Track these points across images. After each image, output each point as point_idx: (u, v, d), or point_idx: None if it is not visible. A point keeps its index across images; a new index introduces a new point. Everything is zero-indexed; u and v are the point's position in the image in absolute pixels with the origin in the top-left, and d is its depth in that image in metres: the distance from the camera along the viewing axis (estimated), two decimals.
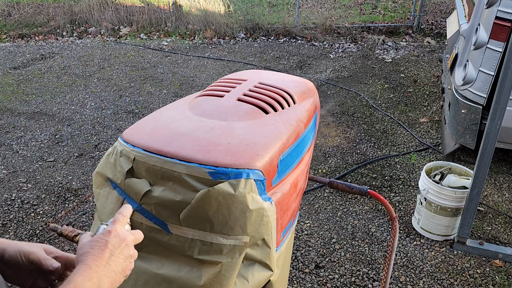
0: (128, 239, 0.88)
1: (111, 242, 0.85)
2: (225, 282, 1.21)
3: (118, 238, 0.86)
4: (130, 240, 0.88)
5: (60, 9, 7.20)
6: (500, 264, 2.70)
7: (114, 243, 0.85)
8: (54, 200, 3.22)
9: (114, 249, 0.84)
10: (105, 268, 0.81)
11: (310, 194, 3.30)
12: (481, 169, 2.55)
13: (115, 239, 0.85)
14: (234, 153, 1.24)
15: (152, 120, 1.46)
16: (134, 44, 6.44)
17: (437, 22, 7.05)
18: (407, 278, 2.60)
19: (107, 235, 0.86)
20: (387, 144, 3.96)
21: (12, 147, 3.86)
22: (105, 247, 0.83)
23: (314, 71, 5.56)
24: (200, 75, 5.43)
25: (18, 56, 5.95)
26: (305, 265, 2.67)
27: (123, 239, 0.87)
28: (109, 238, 0.85)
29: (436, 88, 5.02)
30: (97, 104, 4.65)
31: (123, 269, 0.85)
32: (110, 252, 0.83)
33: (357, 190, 1.83)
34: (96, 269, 0.80)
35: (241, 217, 1.20)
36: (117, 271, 0.83)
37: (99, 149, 3.84)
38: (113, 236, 0.86)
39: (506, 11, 2.95)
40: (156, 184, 1.26)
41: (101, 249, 0.83)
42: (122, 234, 0.88)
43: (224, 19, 7.01)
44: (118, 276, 0.83)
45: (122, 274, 0.85)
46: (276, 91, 1.60)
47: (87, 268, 0.79)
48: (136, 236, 0.91)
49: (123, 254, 0.85)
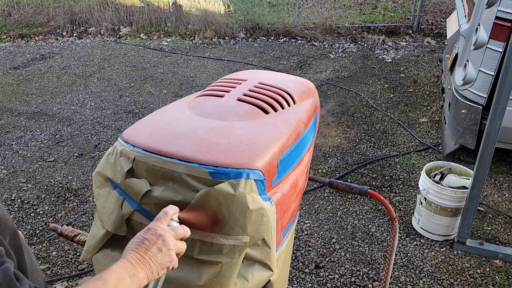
0: (166, 234, 0.98)
1: (147, 238, 0.95)
2: (225, 282, 1.21)
3: (155, 235, 0.96)
4: (167, 235, 0.98)
5: (60, 9, 7.20)
6: (500, 264, 2.70)
7: (150, 239, 0.95)
8: (54, 200, 3.22)
9: (150, 245, 0.94)
10: (140, 261, 0.92)
11: (310, 194, 3.30)
12: (481, 169, 2.55)
13: (152, 236, 0.96)
14: (234, 153, 1.24)
15: (152, 120, 1.46)
16: (134, 44, 6.44)
17: (437, 22, 7.05)
18: (407, 278, 2.60)
19: (146, 232, 0.97)
20: (387, 144, 3.96)
21: (12, 147, 3.86)
22: (142, 243, 0.94)
23: (314, 71, 5.56)
24: (200, 75, 5.43)
25: (18, 56, 5.95)
26: (305, 265, 2.67)
27: (160, 235, 0.97)
28: (146, 235, 0.96)
29: (436, 88, 5.02)
30: (97, 104, 4.65)
31: (161, 262, 0.94)
32: (146, 247, 0.94)
33: (357, 190, 1.83)
34: (133, 261, 0.91)
35: (241, 217, 1.20)
36: (153, 264, 0.93)
37: (99, 149, 3.84)
38: (150, 233, 0.97)
39: (506, 11, 2.95)
40: (156, 184, 1.26)
41: (138, 245, 0.94)
42: (160, 230, 0.98)
43: (224, 19, 7.01)
44: (155, 268, 0.93)
45: (160, 267, 0.94)
46: (276, 91, 1.60)
47: (125, 261, 0.91)
48: (176, 232, 1.01)
49: (160, 249, 0.95)
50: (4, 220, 0.82)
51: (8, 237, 0.82)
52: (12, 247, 0.82)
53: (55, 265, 2.67)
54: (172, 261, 0.97)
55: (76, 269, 2.64)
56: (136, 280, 0.89)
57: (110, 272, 0.87)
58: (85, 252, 1.39)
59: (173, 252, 0.97)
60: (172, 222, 1.03)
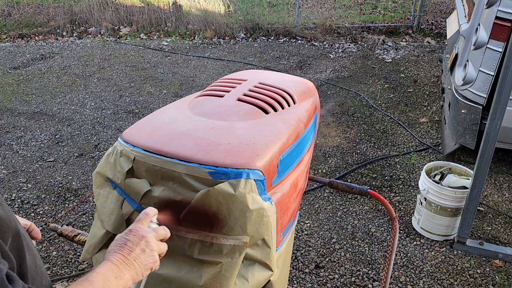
0: (148, 235, 0.97)
1: (130, 240, 0.95)
2: (225, 282, 1.21)
3: (137, 236, 0.96)
4: (150, 236, 0.97)
5: (60, 9, 7.19)
6: (500, 264, 2.70)
7: (133, 240, 0.95)
8: (54, 200, 3.22)
9: (133, 246, 0.94)
10: (125, 263, 0.91)
11: (310, 194, 3.30)
12: (481, 169, 2.55)
13: (134, 237, 0.95)
14: (234, 153, 1.24)
15: (152, 120, 1.46)
16: (134, 44, 6.44)
17: (437, 22, 7.05)
18: (407, 278, 2.60)
19: (128, 233, 0.96)
20: (387, 144, 3.96)
21: (12, 147, 3.86)
22: (125, 244, 0.94)
23: (314, 71, 5.56)
24: (200, 75, 5.43)
25: (18, 56, 5.95)
26: (305, 265, 2.67)
27: (142, 236, 0.96)
28: (129, 236, 0.95)
29: (436, 88, 5.02)
30: (97, 104, 4.65)
31: (145, 263, 0.94)
32: (129, 248, 0.93)
33: (357, 190, 1.83)
34: (117, 263, 0.90)
35: (241, 217, 1.20)
36: (137, 265, 0.93)
37: (99, 149, 3.84)
38: (132, 234, 0.96)
39: (506, 11, 2.95)
40: (156, 184, 1.26)
41: (121, 247, 0.93)
42: (142, 231, 0.97)
43: (224, 19, 7.01)
44: (139, 269, 0.93)
45: (144, 268, 0.94)
46: (276, 91, 1.60)
47: (109, 262, 0.90)
48: (158, 232, 1.00)
49: (143, 250, 0.95)
50: (6, 221, 0.81)
51: (10, 238, 0.81)
52: (13, 248, 0.82)
53: (55, 265, 2.67)
54: (155, 261, 0.97)
55: (76, 269, 2.64)
56: (122, 281, 0.89)
57: (95, 273, 0.86)
58: (85, 252, 1.39)
59: (156, 253, 0.97)
60: (152, 223, 1.03)
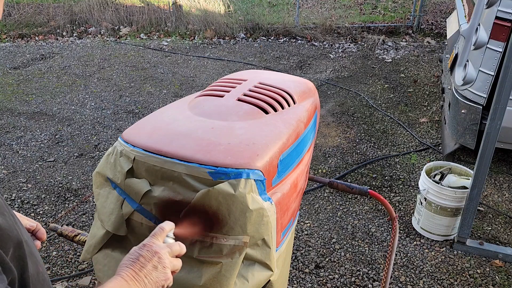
0: (162, 252, 0.95)
1: (142, 255, 0.93)
2: (225, 282, 1.21)
3: (150, 252, 0.94)
4: (163, 252, 0.95)
5: (60, 9, 7.19)
6: (500, 264, 2.70)
7: (146, 256, 0.93)
8: (54, 200, 3.22)
9: (145, 262, 0.92)
10: (135, 279, 0.89)
11: (310, 194, 3.30)
12: (481, 169, 2.55)
13: (147, 252, 0.93)
14: (234, 153, 1.24)
15: (152, 120, 1.46)
16: (134, 44, 6.44)
17: (437, 22, 7.05)
18: (407, 278, 2.60)
19: (141, 248, 0.94)
20: (387, 144, 3.96)
21: (12, 147, 3.86)
22: (137, 259, 0.92)
23: (314, 71, 5.56)
24: (200, 75, 5.43)
25: (18, 56, 5.95)
26: (305, 265, 2.67)
27: (155, 252, 0.94)
28: (142, 251, 0.93)
29: (436, 88, 5.02)
30: (97, 104, 4.65)
31: (156, 280, 0.92)
32: (141, 264, 0.91)
33: (357, 190, 1.83)
34: (127, 278, 0.88)
35: (241, 217, 1.20)
36: (148, 282, 0.91)
37: (99, 149, 3.84)
38: (146, 250, 0.94)
39: (506, 11, 2.95)
40: (156, 184, 1.26)
41: (133, 262, 0.92)
42: (156, 247, 0.95)
43: (224, 19, 7.01)
44: (149, 286, 0.91)
45: (155, 285, 0.92)
46: (276, 91, 1.60)
47: (120, 278, 0.88)
48: (172, 249, 0.98)
49: (155, 266, 0.92)
50: (8, 231, 0.79)
51: (12, 248, 0.79)
52: (15, 258, 0.80)
53: (55, 265, 2.67)
54: (167, 279, 0.95)
55: (76, 269, 2.64)
56: None
57: None
58: (85, 252, 1.39)
59: (169, 270, 0.95)
60: (168, 238, 1.00)
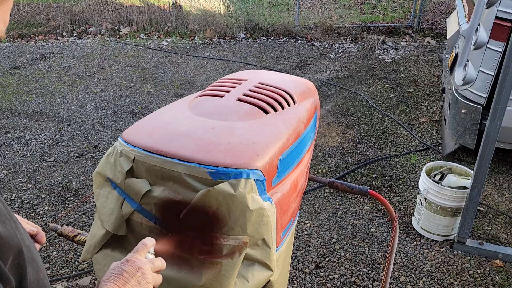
0: (145, 267, 0.96)
1: (126, 270, 0.93)
2: (225, 282, 1.21)
3: (134, 267, 0.94)
4: (146, 268, 0.96)
5: (60, 9, 7.19)
6: (500, 264, 2.70)
7: (129, 271, 0.93)
8: (54, 200, 3.22)
9: (129, 277, 0.92)
10: None
11: (310, 194, 3.30)
12: (481, 169, 2.55)
13: (131, 268, 0.94)
14: (234, 153, 1.24)
15: (152, 120, 1.46)
16: (134, 44, 6.44)
17: (437, 22, 7.05)
18: (407, 278, 2.60)
19: (125, 264, 0.95)
20: (387, 144, 3.96)
21: (12, 147, 3.86)
22: (121, 275, 0.92)
23: (314, 71, 5.56)
24: (200, 75, 5.43)
25: (18, 56, 5.95)
26: (305, 265, 2.67)
27: (139, 268, 0.95)
28: (125, 267, 0.94)
29: (436, 88, 5.02)
30: (97, 104, 4.65)
31: None
32: (125, 279, 0.92)
33: (357, 190, 1.83)
34: None
35: (241, 217, 1.20)
36: None
37: (99, 149, 3.84)
38: (129, 265, 0.94)
39: (506, 11, 2.95)
40: (156, 184, 1.26)
41: (116, 277, 0.92)
42: (139, 263, 0.96)
43: (224, 19, 7.01)
44: None
45: None
46: (276, 91, 1.60)
47: None
48: (155, 264, 0.99)
49: (139, 282, 0.93)
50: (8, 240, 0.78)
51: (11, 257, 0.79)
52: (14, 266, 0.79)
53: (55, 265, 2.67)
54: None
55: (76, 269, 2.64)
56: None
57: None
58: (85, 252, 1.39)
59: (151, 285, 0.96)
60: (149, 254, 1.03)
